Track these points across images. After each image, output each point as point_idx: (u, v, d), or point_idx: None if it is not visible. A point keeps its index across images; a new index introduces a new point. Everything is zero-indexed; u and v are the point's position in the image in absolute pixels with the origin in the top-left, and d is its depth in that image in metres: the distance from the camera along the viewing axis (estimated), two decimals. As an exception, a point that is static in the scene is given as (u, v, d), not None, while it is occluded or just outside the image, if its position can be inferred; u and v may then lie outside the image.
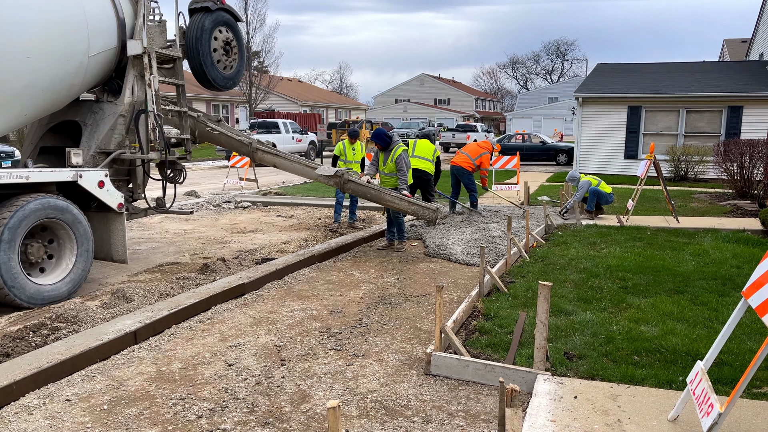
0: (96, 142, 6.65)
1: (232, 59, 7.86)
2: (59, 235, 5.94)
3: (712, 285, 6.17)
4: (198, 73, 7.57)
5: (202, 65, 7.44)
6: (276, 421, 3.60)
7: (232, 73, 7.94)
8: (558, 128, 54.33)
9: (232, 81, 7.96)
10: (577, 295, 5.85)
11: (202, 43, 7.36)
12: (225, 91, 8.06)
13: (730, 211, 11.80)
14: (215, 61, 7.59)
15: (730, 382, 3.82)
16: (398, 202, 7.97)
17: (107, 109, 6.81)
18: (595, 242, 8.49)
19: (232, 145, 8.21)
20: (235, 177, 16.42)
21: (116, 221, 6.52)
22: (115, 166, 6.81)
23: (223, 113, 40.21)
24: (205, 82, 7.67)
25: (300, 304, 5.90)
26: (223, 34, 7.68)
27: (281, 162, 8.24)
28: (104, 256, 6.63)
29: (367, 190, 8.02)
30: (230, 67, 7.87)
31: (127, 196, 6.99)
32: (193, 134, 7.76)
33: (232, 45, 7.82)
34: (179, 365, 4.41)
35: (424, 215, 8.12)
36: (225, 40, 7.70)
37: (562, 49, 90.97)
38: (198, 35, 7.34)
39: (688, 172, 17.89)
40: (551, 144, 27.21)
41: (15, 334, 4.75)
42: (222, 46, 7.67)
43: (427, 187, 10.01)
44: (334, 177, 7.90)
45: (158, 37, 7.05)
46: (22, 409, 3.72)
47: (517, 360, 4.29)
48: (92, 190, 6.13)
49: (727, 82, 19.50)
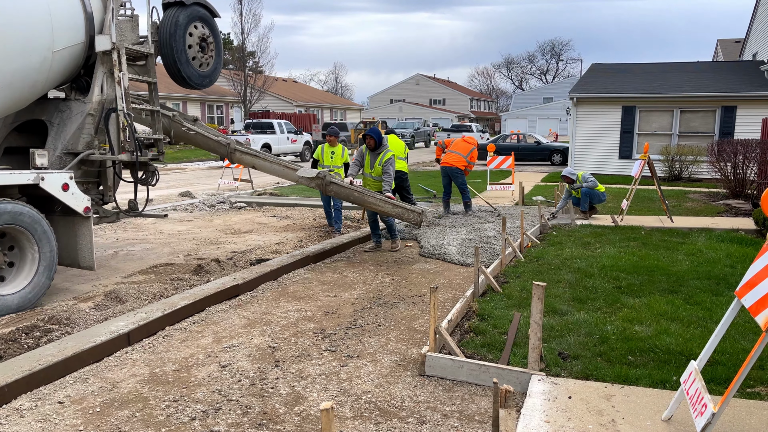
0: (63, 143, 6.36)
1: (209, 56, 7.59)
2: (20, 241, 5.58)
3: (705, 284, 6.18)
4: (172, 71, 7.31)
5: (177, 62, 7.17)
6: (270, 423, 3.58)
7: (209, 70, 7.67)
8: (553, 128, 54.46)
9: (208, 79, 7.70)
10: (571, 295, 5.85)
11: (176, 39, 7.08)
12: (201, 89, 7.80)
13: (723, 210, 11.84)
14: (190, 58, 7.31)
15: (724, 381, 3.82)
16: (383, 205, 7.71)
17: (75, 108, 6.51)
18: (589, 242, 8.50)
19: (208, 145, 7.94)
20: (229, 177, 16.38)
21: (83, 226, 6.12)
22: (84, 168, 6.52)
23: (218, 113, 40.12)
24: (179, 80, 7.40)
25: (294, 305, 5.88)
26: (199, 29, 7.41)
27: (260, 163, 7.97)
28: (70, 263, 6.28)
29: (350, 192, 7.73)
30: (206, 64, 7.60)
31: (96, 198, 6.74)
32: (168, 134, 7.54)
33: (208, 41, 7.55)
34: (173, 367, 4.39)
35: (410, 218, 7.85)
36: (201, 36, 7.43)
37: (556, 50, 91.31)
38: (172, 31, 7.06)
39: (682, 172, 17.95)
40: (546, 144, 27.25)
41: (7, 336, 4.72)
42: (197, 42, 7.39)
43: (405, 187, 9.71)
44: (315, 179, 7.65)
45: (130, 33, 6.80)
46: (14, 412, 3.69)
47: (512, 360, 4.29)
48: (55, 193, 5.76)
49: (721, 82, 19.57)
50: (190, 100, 37.10)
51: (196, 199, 13.70)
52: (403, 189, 9.67)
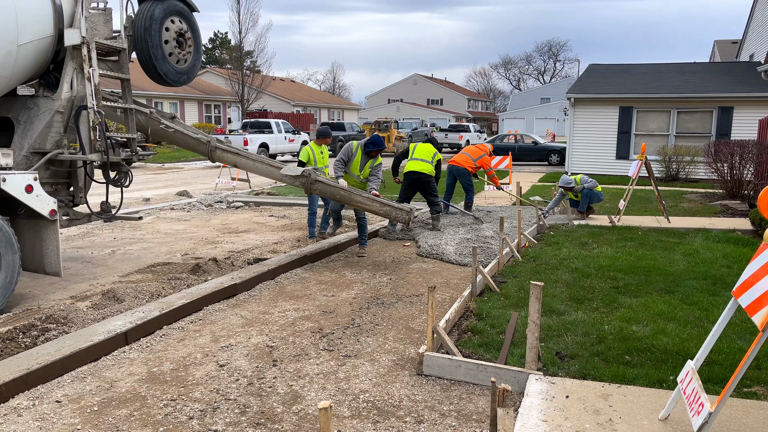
0: (30, 142, 6.07)
1: (186, 52, 7.30)
2: None
3: (702, 285, 6.20)
4: (147, 67, 7.00)
5: (152, 58, 6.86)
6: (268, 422, 3.59)
7: (186, 67, 7.36)
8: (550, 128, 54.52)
9: (186, 76, 7.39)
10: (568, 295, 5.86)
11: (152, 33, 6.78)
12: (179, 86, 7.51)
13: (720, 211, 11.88)
14: (166, 54, 7.02)
15: (721, 381, 3.84)
16: (369, 203, 7.56)
17: (43, 105, 6.21)
18: (586, 242, 8.52)
19: (188, 143, 7.64)
20: (227, 177, 16.36)
21: (48, 229, 5.79)
22: (53, 168, 6.24)
23: (215, 113, 40.08)
24: (155, 76, 7.11)
25: (292, 305, 5.88)
26: (176, 24, 7.11)
27: (243, 161, 7.73)
28: (35, 268, 5.97)
29: (336, 190, 7.53)
30: (184, 60, 7.30)
31: (66, 200, 6.49)
32: (145, 132, 7.30)
33: (186, 36, 7.25)
34: (170, 366, 4.39)
35: (397, 216, 7.67)
36: (178, 31, 7.12)
37: (554, 50, 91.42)
38: (147, 25, 6.75)
39: (679, 173, 17.99)
40: (543, 144, 27.30)
41: (4, 335, 4.72)
42: (174, 37, 7.09)
43: (429, 188, 9.63)
44: (300, 177, 7.43)
45: (102, 27, 6.52)
46: (11, 411, 3.69)
47: (509, 360, 4.30)
48: (18, 195, 5.45)
49: (718, 83, 19.63)
50: (188, 99, 37.05)
51: (194, 198, 13.69)
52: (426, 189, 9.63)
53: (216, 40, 69.35)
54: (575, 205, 10.94)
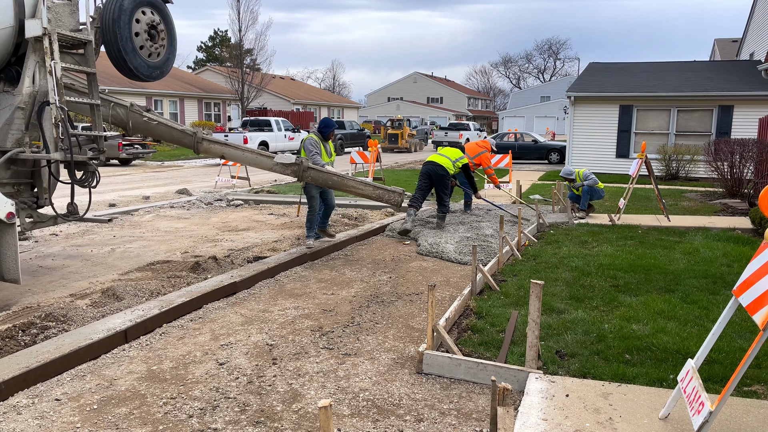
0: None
1: (159, 45, 6.97)
2: None
3: (702, 283, 6.20)
4: (116, 61, 6.64)
5: (121, 51, 6.51)
6: (267, 421, 3.58)
7: (159, 61, 7.02)
8: (550, 127, 54.54)
9: (159, 70, 7.05)
10: (568, 294, 5.86)
11: (121, 25, 6.45)
12: (151, 81, 7.16)
13: (720, 209, 11.88)
14: (137, 47, 6.68)
15: (721, 380, 3.84)
16: (363, 188, 7.70)
17: (3, 101, 5.98)
18: (586, 241, 8.52)
19: (172, 136, 7.44)
20: (226, 175, 16.36)
21: (6, 234, 5.41)
22: (15, 168, 5.95)
23: (215, 111, 40.03)
24: (125, 71, 6.75)
25: (292, 303, 5.88)
26: (148, 16, 6.79)
27: (230, 152, 7.62)
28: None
29: (328, 176, 7.60)
30: (157, 54, 6.96)
31: (30, 202, 6.19)
32: (124, 126, 7.06)
33: (158, 29, 6.94)
34: (170, 364, 4.38)
35: (389, 199, 7.80)
36: (150, 22, 6.80)
37: (554, 49, 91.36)
38: (115, 17, 6.42)
39: (679, 171, 17.99)
40: (543, 143, 27.29)
41: (4, 333, 4.71)
42: (146, 29, 6.78)
43: (441, 185, 9.52)
44: (292, 165, 7.40)
45: (68, 18, 6.21)
46: (10, 409, 3.68)
47: (509, 359, 4.29)
48: None
49: (718, 81, 19.62)
50: (188, 97, 37.02)
51: (194, 196, 13.68)
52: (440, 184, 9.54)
53: (216, 38, 69.31)
54: (576, 200, 10.96)
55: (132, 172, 20.84)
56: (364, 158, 16.51)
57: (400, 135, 34.45)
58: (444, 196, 9.65)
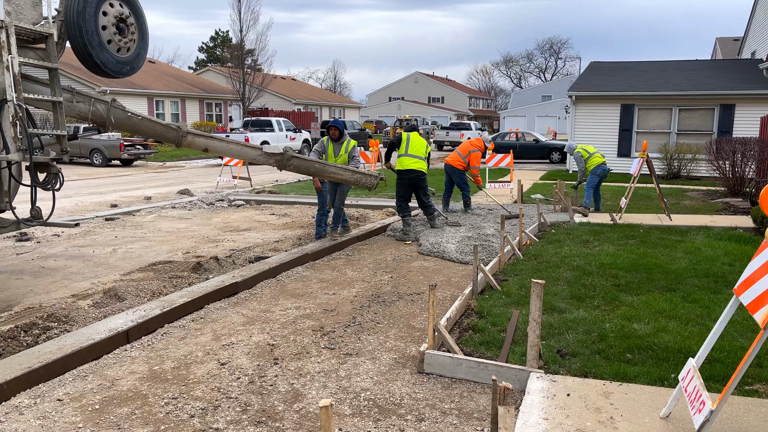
0: None
1: (129, 40, 6.61)
2: None
3: (704, 282, 6.19)
4: (82, 55, 6.27)
5: (87, 46, 6.15)
6: (269, 420, 3.59)
7: (130, 56, 6.65)
8: (551, 126, 54.52)
9: (129, 66, 6.68)
10: (570, 293, 5.86)
11: (86, 18, 6.10)
12: (121, 77, 6.79)
13: (722, 208, 11.86)
14: (104, 42, 6.31)
15: (722, 379, 3.83)
16: (342, 173, 8.21)
17: None
18: (588, 240, 8.51)
19: (156, 131, 7.16)
20: (228, 175, 16.37)
21: None
22: None
23: (216, 111, 40.05)
24: (91, 66, 6.39)
25: (293, 303, 5.89)
26: (116, 8, 6.42)
27: (214, 144, 7.51)
28: None
29: (310, 164, 8.07)
30: (126, 49, 6.58)
31: None
32: (102, 124, 6.75)
33: (128, 22, 6.56)
34: (172, 364, 4.39)
35: (366, 182, 8.41)
36: (118, 15, 6.44)
37: (555, 48, 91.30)
38: (80, 9, 6.07)
39: (680, 170, 17.97)
40: (545, 142, 27.26)
41: (6, 334, 4.72)
42: (114, 23, 6.40)
43: (423, 188, 9.47)
44: (275, 155, 7.63)
45: (29, 11, 5.93)
46: (13, 409, 3.69)
47: (510, 358, 4.29)
48: None
49: (720, 80, 19.59)
50: (189, 98, 37.04)
51: (195, 196, 13.69)
52: (419, 189, 9.42)
53: (217, 38, 69.38)
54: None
55: (134, 172, 20.86)
56: (365, 158, 16.52)
57: None
58: (425, 199, 9.49)
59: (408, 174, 9.34)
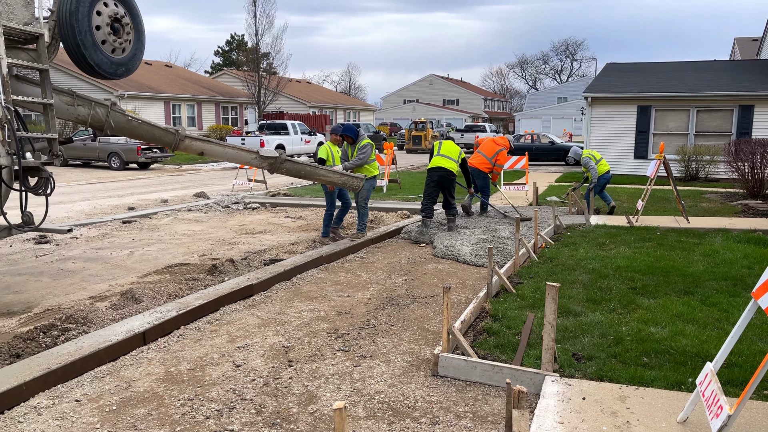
0: None
1: (124, 40, 6.43)
2: None
3: (722, 286, 6.12)
4: (75, 56, 6.11)
5: (80, 46, 5.99)
6: (283, 422, 3.60)
7: (125, 57, 6.49)
8: (567, 128, 54.16)
9: (124, 67, 6.51)
10: (585, 296, 5.82)
11: (79, 18, 5.93)
12: (116, 79, 6.63)
13: (741, 211, 11.71)
14: (98, 42, 6.15)
15: (740, 383, 3.78)
16: (330, 175, 8.38)
17: None
18: (604, 243, 8.44)
19: (154, 135, 7.10)
20: (244, 178, 16.48)
21: None
22: None
23: (232, 115, 40.35)
24: (85, 67, 6.23)
25: (308, 305, 5.91)
26: (110, 8, 6.25)
27: (210, 148, 7.49)
28: None
29: (301, 167, 8.22)
30: (122, 49, 6.42)
31: None
32: (102, 127, 6.61)
33: (123, 22, 6.38)
34: (187, 366, 4.43)
35: (352, 184, 8.59)
36: (113, 15, 6.27)
37: (571, 49, 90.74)
38: (73, 8, 5.91)
39: (698, 172, 17.77)
40: (560, 144, 27.11)
41: (25, 335, 4.79)
42: (108, 23, 6.23)
43: (449, 187, 9.60)
44: (269, 158, 7.73)
45: (21, 10, 5.79)
46: (31, 410, 3.74)
47: (525, 361, 4.27)
48: None
49: (738, 81, 19.35)
50: (205, 101, 37.36)
51: (211, 199, 13.80)
52: (447, 189, 9.56)
53: (233, 42, 69.89)
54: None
55: (150, 175, 21.07)
56: (380, 161, 16.53)
57: (423, 136, 35.95)
58: (451, 199, 9.61)
59: (438, 171, 9.50)
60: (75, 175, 20.33)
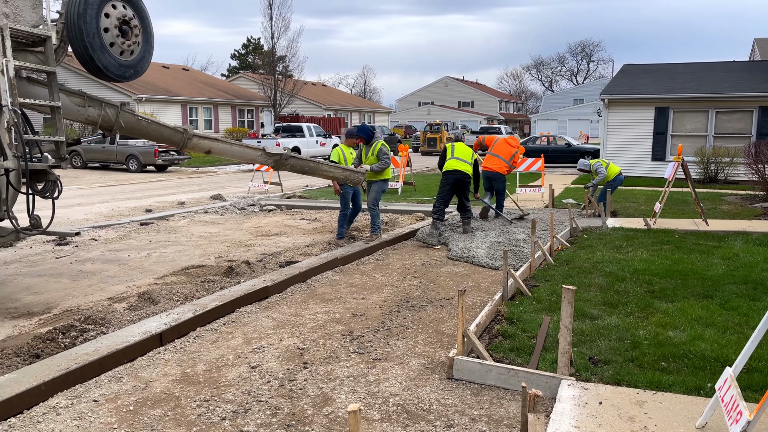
0: None
1: (133, 42, 6.41)
2: None
3: (742, 289, 6.03)
4: (83, 59, 6.08)
5: (88, 48, 5.96)
6: (298, 424, 3.61)
7: (134, 59, 6.46)
8: (584, 130, 53.74)
9: (132, 69, 6.49)
10: (602, 299, 5.77)
11: (86, 20, 5.91)
12: (124, 81, 6.61)
13: (761, 213, 11.54)
14: (106, 44, 6.12)
15: (760, 389, 3.73)
16: (333, 170, 8.59)
17: None
18: (621, 245, 8.37)
19: (163, 135, 7.12)
20: (259, 180, 16.58)
21: None
22: None
23: (248, 117, 40.60)
24: (93, 69, 6.20)
25: (323, 307, 5.92)
26: (119, 10, 6.22)
27: (217, 146, 7.51)
28: None
29: (305, 163, 8.39)
30: (130, 52, 6.39)
31: None
32: (111, 128, 6.62)
33: (131, 24, 6.35)
34: (203, 367, 4.46)
35: (354, 179, 8.82)
36: (121, 17, 6.23)
37: (587, 50, 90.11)
38: (81, 11, 5.88)
39: (717, 174, 17.55)
40: (577, 146, 26.91)
41: (45, 336, 4.86)
42: (117, 25, 6.20)
43: (465, 190, 9.60)
44: (274, 155, 7.93)
45: (29, 12, 5.78)
46: (50, 410, 3.79)
47: (541, 365, 4.24)
48: None
49: (758, 81, 19.08)
50: (221, 104, 37.63)
51: (227, 201, 13.89)
52: (463, 192, 9.57)
53: (249, 45, 70.37)
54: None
55: (168, 178, 21.27)
56: (395, 163, 16.54)
57: (438, 139, 36.24)
58: (466, 202, 9.59)
59: (454, 174, 9.48)
60: (94, 178, 20.58)
